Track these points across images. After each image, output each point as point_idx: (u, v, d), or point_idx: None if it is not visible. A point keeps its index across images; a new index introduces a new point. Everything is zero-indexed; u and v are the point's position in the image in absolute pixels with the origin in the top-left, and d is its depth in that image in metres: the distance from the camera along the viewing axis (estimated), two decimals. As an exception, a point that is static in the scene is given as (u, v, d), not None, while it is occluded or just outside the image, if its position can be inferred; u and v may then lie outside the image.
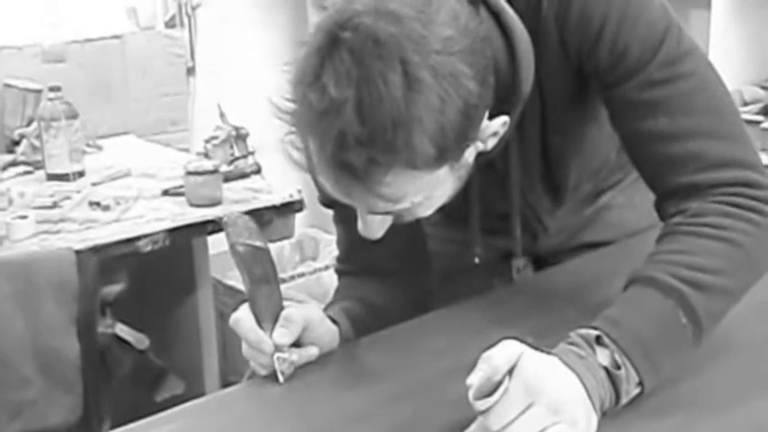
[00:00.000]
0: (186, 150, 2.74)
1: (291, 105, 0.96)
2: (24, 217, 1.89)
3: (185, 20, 2.83)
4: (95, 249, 1.80)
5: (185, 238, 2.02)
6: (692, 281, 1.00)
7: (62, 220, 1.95)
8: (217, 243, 2.46)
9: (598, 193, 1.44)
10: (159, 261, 2.21)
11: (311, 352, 1.14)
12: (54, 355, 1.61)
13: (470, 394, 0.92)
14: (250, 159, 2.40)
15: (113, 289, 1.82)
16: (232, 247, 1.09)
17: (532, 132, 1.19)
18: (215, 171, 2.06)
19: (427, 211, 1.03)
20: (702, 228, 1.04)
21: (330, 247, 3.04)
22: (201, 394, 2.35)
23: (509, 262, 1.43)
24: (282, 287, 2.78)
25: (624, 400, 0.97)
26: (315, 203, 1.32)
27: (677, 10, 1.12)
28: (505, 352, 0.93)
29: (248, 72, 3.03)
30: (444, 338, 1.21)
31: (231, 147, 2.40)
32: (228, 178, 2.22)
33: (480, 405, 0.91)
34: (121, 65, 2.72)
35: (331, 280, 2.91)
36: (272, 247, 2.93)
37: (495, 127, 1.02)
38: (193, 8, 2.83)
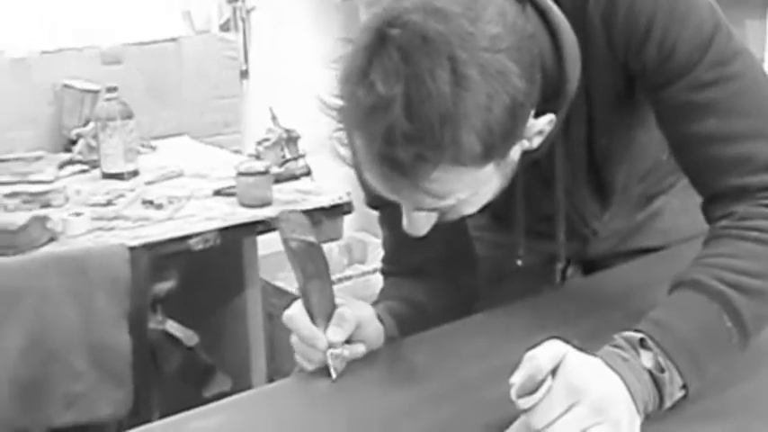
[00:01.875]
0: (238, 152, 2.77)
1: (339, 103, 0.98)
2: (79, 214, 1.94)
3: (239, 23, 2.86)
4: (148, 246, 1.83)
5: (236, 238, 2.05)
6: (738, 284, 1.00)
7: (116, 218, 1.99)
8: (266, 244, 2.49)
9: (650, 197, 1.43)
10: (209, 260, 2.25)
11: (359, 349, 1.15)
12: (106, 349, 1.64)
13: (513, 392, 0.92)
14: (300, 162, 2.43)
15: (164, 286, 1.86)
16: (285, 242, 1.11)
17: (578, 133, 1.19)
18: (266, 172, 2.09)
19: (472, 208, 1.03)
20: (749, 232, 1.03)
21: (378, 251, 3.05)
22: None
23: (554, 266, 1.43)
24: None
25: (668, 404, 0.97)
26: (364, 207, 1.34)
27: (732, 20, 1.11)
28: (550, 351, 0.93)
29: (300, 75, 3.05)
30: (487, 340, 1.22)
31: (282, 149, 2.43)
32: (279, 180, 2.25)
33: (523, 403, 0.91)
34: (177, 67, 2.77)
35: (378, 283, 2.92)
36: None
37: (540, 125, 1.02)
38: (248, 12, 2.86)
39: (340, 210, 2.15)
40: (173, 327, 1.87)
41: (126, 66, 2.68)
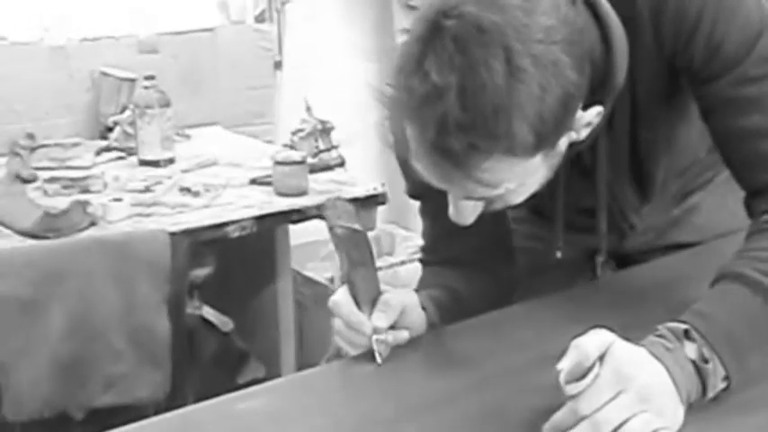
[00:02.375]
0: (270, 142, 2.80)
1: (392, 92, 0.99)
2: (119, 200, 1.97)
3: (274, 15, 2.88)
4: (187, 233, 1.85)
5: (272, 226, 2.07)
6: None
7: (155, 204, 2.01)
8: (297, 234, 2.52)
9: (686, 193, 1.43)
10: (243, 248, 2.28)
11: (403, 335, 1.17)
12: (145, 332, 1.67)
13: (561, 378, 0.94)
14: (334, 153, 2.44)
15: (202, 272, 1.88)
16: (331, 229, 1.13)
17: (622, 126, 1.20)
18: (302, 162, 2.11)
19: (519, 198, 1.04)
20: None
21: (406, 243, 3.07)
22: (278, 381, 2.42)
23: (593, 260, 1.44)
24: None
25: (710, 394, 0.98)
26: (394, 199, 1.34)
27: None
28: (596, 339, 0.94)
29: (333, 68, 3.08)
30: (528, 331, 1.23)
31: (316, 140, 2.44)
32: (313, 170, 2.26)
33: (571, 389, 0.93)
34: (212, 57, 2.79)
35: (408, 275, 2.94)
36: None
37: (589, 117, 1.03)
38: (282, 3, 2.88)
39: (374, 200, 2.17)
40: (209, 312, 1.89)
41: (162, 55, 2.70)
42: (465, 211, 1.05)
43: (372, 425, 1.03)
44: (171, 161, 2.33)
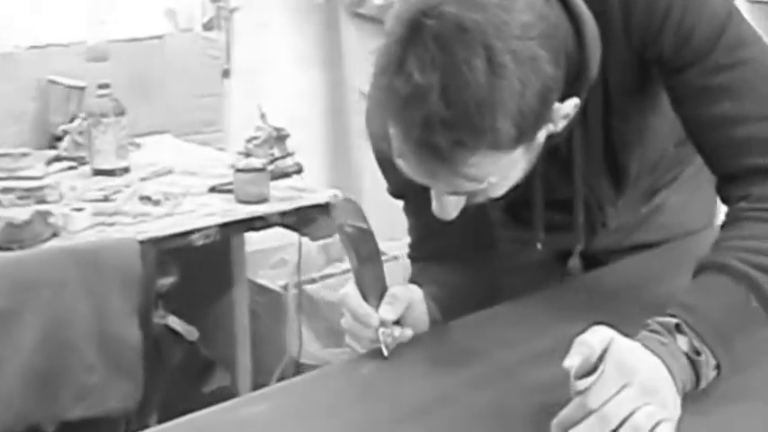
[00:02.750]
0: (222, 150, 2.78)
1: (374, 93, 1.01)
2: (80, 209, 1.94)
3: (222, 23, 2.88)
4: (152, 241, 1.84)
5: (235, 234, 2.07)
6: (761, 265, 1.05)
7: (116, 213, 1.99)
8: (249, 242, 2.51)
9: (654, 191, 1.48)
10: (198, 257, 2.26)
11: (408, 333, 1.19)
12: (117, 343, 1.65)
13: (572, 374, 0.97)
14: (289, 160, 2.45)
15: (166, 281, 1.86)
16: (339, 227, 1.16)
17: (596, 118, 1.23)
18: (263, 169, 2.11)
19: (500, 190, 1.07)
20: (767, 213, 1.08)
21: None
22: (235, 389, 2.41)
23: (564, 262, 1.49)
24: (313, 287, 2.82)
25: (703, 384, 1.02)
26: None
27: None
28: (598, 336, 0.98)
29: (281, 76, 3.08)
30: (514, 329, 1.26)
31: (271, 147, 2.44)
32: (270, 177, 2.26)
33: (580, 385, 0.96)
34: (161, 65, 2.77)
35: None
36: (297, 249, 2.96)
37: (566, 109, 1.05)
38: (231, 11, 2.88)
39: (335, 207, 2.18)
40: (174, 322, 1.88)
41: (111, 63, 2.67)
42: (448, 207, 1.07)
43: (377, 425, 1.04)
44: (126, 170, 2.31)
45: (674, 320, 1.02)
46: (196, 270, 2.36)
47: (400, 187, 1.31)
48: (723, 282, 1.06)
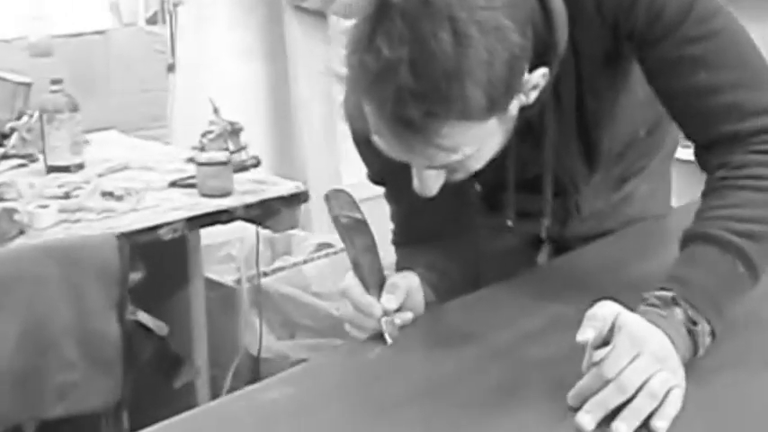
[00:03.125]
0: (168, 145, 2.76)
1: (346, 72, 1.03)
2: (45, 206, 1.91)
3: (167, 17, 2.85)
4: (124, 236, 1.82)
5: (202, 227, 2.06)
6: (745, 232, 1.10)
7: (80, 210, 1.96)
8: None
9: (624, 179, 1.52)
10: (154, 254, 2.24)
11: (408, 316, 1.22)
12: (97, 339, 1.63)
13: (588, 347, 1.02)
14: (243, 154, 2.44)
15: (135, 276, 1.85)
16: (336, 219, 1.17)
17: (568, 94, 1.26)
18: (226, 162, 2.11)
19: (477, 164, 1.10)
20: (746, 180, 1.13)
21: (304, 243, 3.09)
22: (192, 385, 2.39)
23: (536, 249, 1.54)
24: (266, 280, 2.79)
25: (701, 352, 1.07)
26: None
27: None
28: (607, 309, 1.03)
29: (225, 70, 3.07)
30: (502, 311, 1.30)
31: (225, 141, 2.44)
32: (230, 171, 2.26)
33: (597, 355, 1.01)
34: (105, 60, 2.73)
35: (312, 273, 2.97)
36: (248, 244, 2.96)
37: (535, 79, 1.08)
38: (174, 5, 2.85)
39: (298, 199, 2.19)
40: (144, 317, 1.86)
41: (55, 58, 2.62)
42: (428, 182, 1.10)
43: (392, 406, 1.06)
44: (80, 166, 2.27)
45: (671, 294, 1.07)
46: (151, 266, 2.34)
47: (380, 172, 1.35)
48: (711, 252, 1.11)
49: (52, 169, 2.23)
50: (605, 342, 1.03)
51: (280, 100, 3.23)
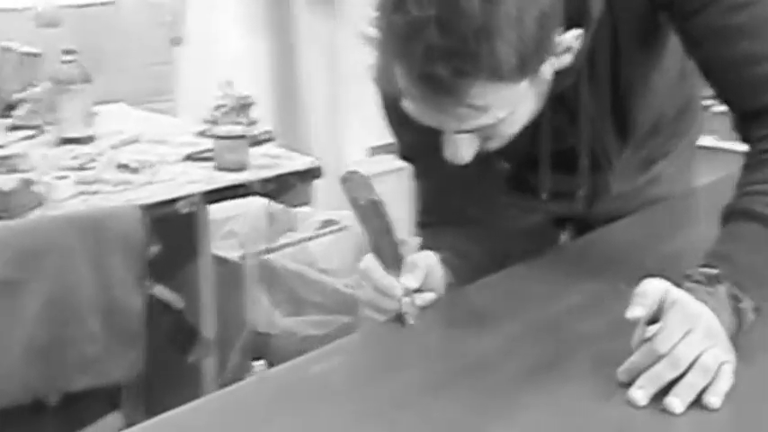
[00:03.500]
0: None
1: (376, 34, 1.02)
2: (63, 177, 1.89)
3: (173, -12, 2.82)
4: (143, 209, 1.81)
5: (218, 201, 2.04)
6: None
7: (96, 182, 1.95)
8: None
9: (651, 160, 1.52)
10: (163, 228, 2.23)
11: (429, 297, 1.21)
12: (120, 312, 1.62)
13: (641, 323, 1.02)
14: (255, 129, 2.43)
15: (153, 249, 1.83)
16: (353, 201, 1.16)
17: (603, 63, 1.24)
18: (243, 136, 2.10)
19: (510, 129, 1.08)
20: None
21: (310, 220, 3.08)
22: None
23: (559, 230, 1.54)
24: (272, 256, 2.77)
25: (744, 328, 1.07)
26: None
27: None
28: (656, 286, 1.03)
29: (232, 44, 3.05)
30: (536, 288, 1.29)
31: (237, 115, 2.42)
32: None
33: (650, 331, 1.01)
34: (112, 32, 2.70)
35: (318, 249, 2.97)
36: (250, 220, 2.95)
37: (568, 41, 1.06)
38: (181, -23, 2.83)
39: (311, 174, 2.18)
40: (160, 290, 1.85)
41: (62, 29, 2.59)
42: (461, 148, 1.08)
43: (438, 382, 1.05)
44: (91, 138, 2.25)
45: (714, 271, 1.07)
46: (161, 241, 2.32)
47: (411, 145, 1.33)
48: (754, 228, 1.11)
49: (64, 141, 2.21)
50: (653, 320, 1.04)
51: (285, 74, 3.21)
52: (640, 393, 0.99)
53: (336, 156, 3.17)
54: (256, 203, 2.82)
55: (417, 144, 1.14)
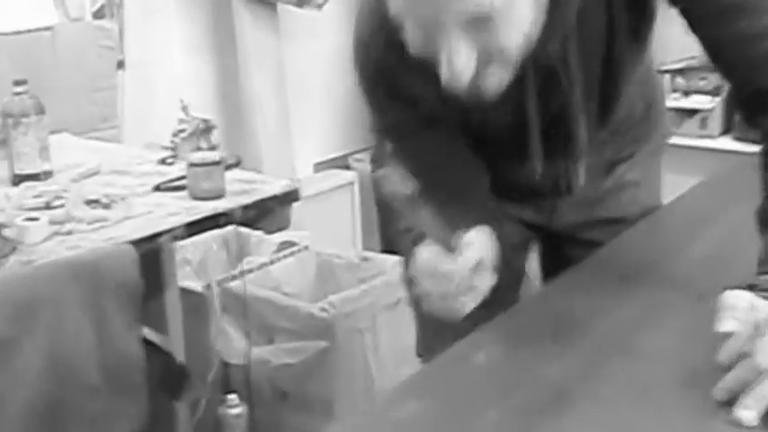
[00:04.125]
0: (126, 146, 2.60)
1: None
2: (35, 219, 1.75)
3: (114, 11, 2.68)
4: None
5: (200, 232, 1.93)
6: None
7: (69, 221, 1.81)
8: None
9: (614, 164, 1.51)
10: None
11: (486, 282, 1.16)
12: (120, 362, 1.50)
13: (734, 336, 0.99)
14: (216, 154, 2.31)
15: (138, 289, 1.71)
16: (392, 196, 1.13)
17: (597, 29, 1.22)
18: (219, 162, 1.98)
19: (508, 37, 1.03)
20: None
21: (265, 244, 2.96)
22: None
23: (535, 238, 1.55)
24: (236, 284, 2.67)
25: None
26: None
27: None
28: (741, 299, 1.00)
29: (175, 65, 2.92)
30: (589, 300, 1.26)
31: (198, 140, 2.31)
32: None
33: (744, 347, 0.97)
34: (52, 58, 2.54)
35: (281, 273, 2.86)
36: (201, 248, 2.82)
37: None
38: (121, -2, 2.69)
39: (290, 197, 2.08)
40: (149, 333, 1.73)
41: None
42: (458, 64, 1.02)
43: (530, 409, 1.01)
44: (49, 174, 2.10)
45: None
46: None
47: (395, 125, 1.30)
48: None
49: (21, 178, 2.06)
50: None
51: (229, 94, 3.10)
52: (749, 414, 0.96)
53: (288, 173, 3.07)
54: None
55: (402, 122, 1.15)
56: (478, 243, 1.15)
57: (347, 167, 3.58)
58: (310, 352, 2.50)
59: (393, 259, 2.94)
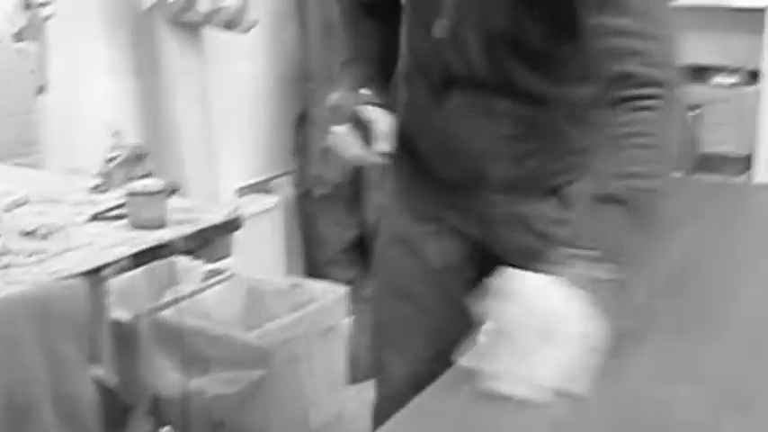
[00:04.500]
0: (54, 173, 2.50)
1: None
2: (-30, 253, 1.67)
3: (36, 33, 2.58)
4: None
5: (147, 263, 1.87)
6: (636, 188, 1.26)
7: (5, 253, 1.73)
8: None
9: (553, 188, 1.57)
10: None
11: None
12: (73, 400, 1.44)
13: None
14: (149, 180, 2.26)
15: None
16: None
17: None
18: (161, 191, 1.93)
19: None
20: (632, 138, 1.28)
21: (192, 273, 2.90)
22: None
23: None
24: (166, 313, 2.63)
25: None
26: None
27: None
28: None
29: (96, 89, 2.85)
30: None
31: (131, 167, 2.24)
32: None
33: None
34: (-28, 82, 2.44)
35: (209, 301, 2.80)
36: (120, 278, 2.77)
37: None
38: (44, 20, 2.59)
39: (233, 226, 2.05)
40: (93, 368, 1.66)
41: None
42: None
43: None
44: (-26, 204, 2.01)
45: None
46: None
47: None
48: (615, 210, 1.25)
49: (-54, 209, 1.96)
50: None
51: (151, 117, 3.04)
52: None
53: (211, 197, 3.02)
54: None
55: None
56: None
57: (268, 192, 3.55)
58: (246, 381, 2.46)
59: (323, 285, 2.92)
